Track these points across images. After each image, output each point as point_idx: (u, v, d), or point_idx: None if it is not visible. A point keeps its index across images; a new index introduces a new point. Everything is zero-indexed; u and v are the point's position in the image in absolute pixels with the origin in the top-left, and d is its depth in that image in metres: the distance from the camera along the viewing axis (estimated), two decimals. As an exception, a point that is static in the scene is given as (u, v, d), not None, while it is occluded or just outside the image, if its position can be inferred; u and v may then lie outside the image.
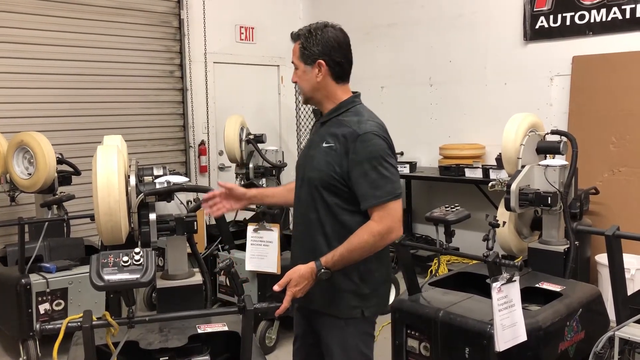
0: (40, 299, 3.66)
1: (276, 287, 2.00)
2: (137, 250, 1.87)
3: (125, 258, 1.84)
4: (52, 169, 4.15)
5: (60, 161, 4.35)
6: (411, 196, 6.25)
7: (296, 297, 2.01)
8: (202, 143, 6.44)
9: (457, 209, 2.86)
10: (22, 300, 3.62)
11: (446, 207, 2.88)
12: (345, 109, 2.19)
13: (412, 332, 3.01)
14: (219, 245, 4.33)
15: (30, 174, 4.19)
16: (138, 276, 1.82)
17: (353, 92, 2.26)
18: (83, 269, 3.86)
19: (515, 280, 2.62)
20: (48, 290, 3.68)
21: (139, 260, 1.85)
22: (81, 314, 1.86)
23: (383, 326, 4.40)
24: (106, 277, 1.80)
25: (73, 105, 5.49)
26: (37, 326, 1.81)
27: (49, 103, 5.35)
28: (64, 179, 4.42)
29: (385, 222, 2.02)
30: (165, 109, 6.24)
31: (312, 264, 2.03)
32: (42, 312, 3.67)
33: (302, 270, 2.02)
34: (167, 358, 2.46)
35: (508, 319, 2.58)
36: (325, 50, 2.16)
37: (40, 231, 3.90)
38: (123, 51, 5.82)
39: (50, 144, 4.18)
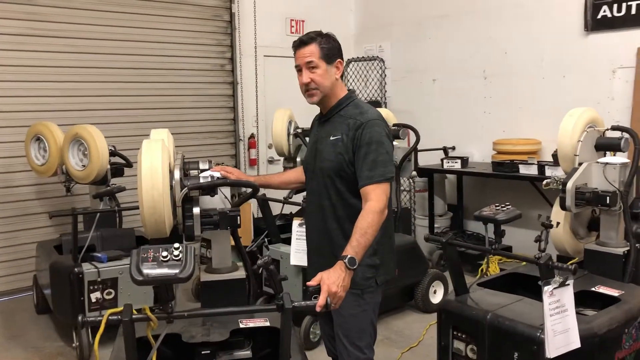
0: (91, 287, 3.76)
1: (310, 283, 2.05)
2: (176, 245, 1.86)
3: (165, 253, 1.83)
4: (104, 161, 4.25)
5: (112, 153, 4.44)
6: (462, 192, 6.11)
7: (331, 290, 2.00)
8: (252, 136, 6.48)
9: (507, 208, 2.75)
10: (74, 288, 3.72)
11: (496, 206, 2.78)
12: (345, 104, 2.47)
13: (459, 334, 2.91)
14: (265, 239, 4.34)
15: (84, 166, 4.30)
16: (177, 271, 1.82)
17: (348, 89, 2.54)
18: (133, 260, 3.93)
19: (568, 284, 2.50)
20: (99, 279, 3.77)
21: (178, 255, 1.84)
22: (122, 307, 1.87)
23: (430, 325, 4.33)
24: (145, 272, 1.80)
25: (126, 99, 5.63)
26: (80, 318, 1.83)
27: (103, 96, 5.49)
28: (117, 170, 4.52)
29: (381, 199, 2.26)
30: (215, 103, 6.31)
31: (337, 262, 2.10)
32: (93, 300, 3.77)
33: (331, 269, 2.08)
34: (208, 352, 2.46)
35: (560, 324, 2.47)
36: (340, 52, 2.48)
37: (94, 221, 4.00)
38: (174, 45, 5.92)
39: (103, 137, 4.27)
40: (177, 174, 2.57)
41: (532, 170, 4.88)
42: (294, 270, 3.93)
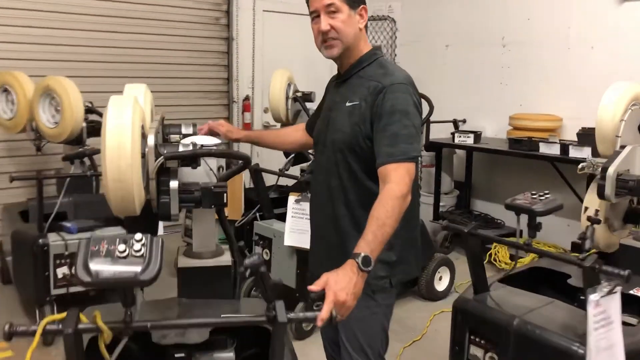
0: (58, 261, 3.36)
1: (313, 287, 1.59)
2: (137, 236, 1.43)
3: (122, 246, 1.40)
4: (79, 119, 3.81)
5: (89, 110, 4.03)
6: (472, 170, 5.69)
7: (339, 299, 1.56)
8: (247, 98, 6.08)
9: (546, 197, 2.34)
10: (38, 262, 3.32)
11: (532, 194, 2.36)
12: (366, 62, 2.05)
13: (477, 339, 2.53)
14: (257, 214, 3.92)
15: (56, 123, 3.86)
16: (137, 270, 1.38)
17: (373, 46, 2.12)
18: (107, 231, 3.51)
19: (616, 292, 2.10)
20: (67, 253, 3.36)
21: (139, 249, 1.41)
22: (64, 314, 1.44)
23: (435, 315, 3.97)
24: (95, 270, 1.37)
25: (107, 50, 5.17)
26: (6, 328, 1.40)
27: (81, 46, 5.04)
28: (94, 129, 4.06)
29: (404, 181, 1.83)
30: (208, 60, 5.88)
31: (347, 261, 1.66)
32: (59, 276, 3.38)
33: (340, 269, 1.64)
34: (183, 355, 2.05)
35: (605, 339, 2.09)
36: None
37: (68, 186, 3.57)
38: (165, -7, 5.43)
39: (79, 91, 3.83)
40: (151, 140, 2.10)
41: (554, 150, 4.45)
42: (288, 252, 3.53)
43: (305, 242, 3.41)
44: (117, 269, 1.38)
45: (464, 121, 5.73)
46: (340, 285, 1.57)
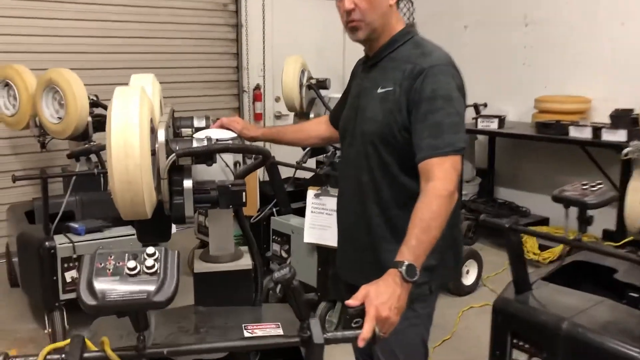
0: (66, 265, 3.17)
1: (351, 302, 1.40)
2: (150, 250, 1.23)
3: (132, 263, 1.20)
4: (84, 113, 3.62)
5: (94, 104, 3.83)
6: (494, 155, 5.47)
7: (381, 315, 1.37)
8: (257, 87, 5.89)
9: (599, 188, 2.12)
10: (45, 265, 3.14)
11: (583, 185, 2.14)
12: (400, 42, 1.82)
13: (520, 343, 2.33)
14: (274, 209, 3.72)
15: (60, 118, 3.68)
16: (150, 290, 1.19)
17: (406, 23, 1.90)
18: (116, 232, 3.34)
19: (680, 292, 1.89)
20: (75, 255, 3.17)
21: (152, 265, 1.21)
22: (68, 340, 1.25)
23: (463, 311, 3.77)
24: (100, 289, 1.18)
25: (111, 40, 5.00)
26: (1, 358, 1.22)
27: (84, 37, 4.87)
28: (100, 124, 3.86)
29: (451, 177, 1.62)
30: (216, 48, 5.69)
31: (389, 271, 1.45)
32: (68, 280, 3.19)
33: (381, 280, 1.44)
34: (202, 372, 1.86)
35: (670, 345, 1.88)
36: None
37: (75, 184, 3.39)
38: (170, -21, 5.26)
39: (83, 84, 3.65)
40: (161, 135, 1.90)
41: (585, 134, 4.22)
42: (308, 249, 3.35)
43: (326, 239, 3.23)
44: (127, 289, 1.18)
45: (485, 105, 5.49)
46: (382, 299, 1.38)
